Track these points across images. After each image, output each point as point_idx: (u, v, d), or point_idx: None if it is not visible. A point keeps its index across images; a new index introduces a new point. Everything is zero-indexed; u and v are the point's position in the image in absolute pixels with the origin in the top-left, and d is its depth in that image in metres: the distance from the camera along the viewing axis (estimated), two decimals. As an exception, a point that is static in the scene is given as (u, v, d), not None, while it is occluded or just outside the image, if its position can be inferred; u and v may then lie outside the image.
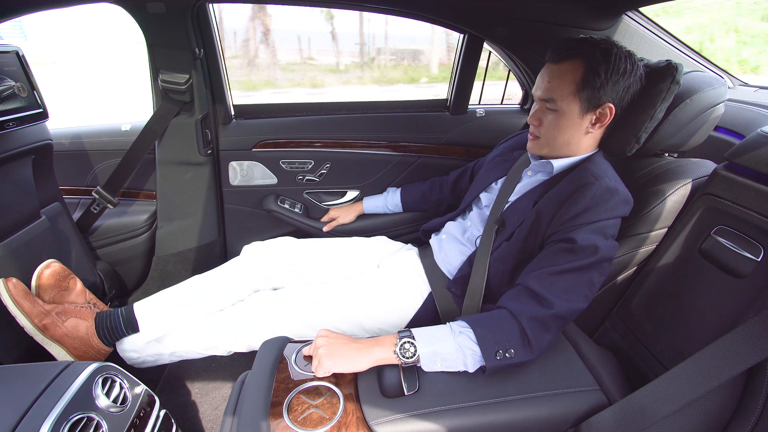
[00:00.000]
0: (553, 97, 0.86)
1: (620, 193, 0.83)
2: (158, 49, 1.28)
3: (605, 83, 0.83)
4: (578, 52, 0.83)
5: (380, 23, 14.15)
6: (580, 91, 0.84)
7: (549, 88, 0.86)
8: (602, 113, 0.86)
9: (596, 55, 0.82)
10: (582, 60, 0.83)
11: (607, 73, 0.82)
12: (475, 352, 0.75)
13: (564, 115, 0.87)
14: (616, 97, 0.85)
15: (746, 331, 0.65)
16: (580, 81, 0.83)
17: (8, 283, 0.98)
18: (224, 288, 1.11)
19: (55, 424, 0.65)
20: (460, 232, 1.09)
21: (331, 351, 0.76)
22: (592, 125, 0.88)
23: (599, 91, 0.83)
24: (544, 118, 0.90)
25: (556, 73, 0.86)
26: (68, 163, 1.53)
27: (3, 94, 1.01)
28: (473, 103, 1.63)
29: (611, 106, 0.85)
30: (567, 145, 0.91)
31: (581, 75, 0.83)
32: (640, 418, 0.68)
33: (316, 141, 1.54)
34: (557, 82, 0.85)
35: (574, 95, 0.84)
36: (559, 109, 0.86)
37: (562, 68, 0.85)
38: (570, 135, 0.89)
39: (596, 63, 0.82)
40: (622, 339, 0.95)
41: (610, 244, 0.81)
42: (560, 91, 0.85)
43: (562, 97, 0.85)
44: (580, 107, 0.85)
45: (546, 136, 0.91)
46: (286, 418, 0.69)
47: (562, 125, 0.88)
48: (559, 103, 0.86)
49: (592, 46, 0.83)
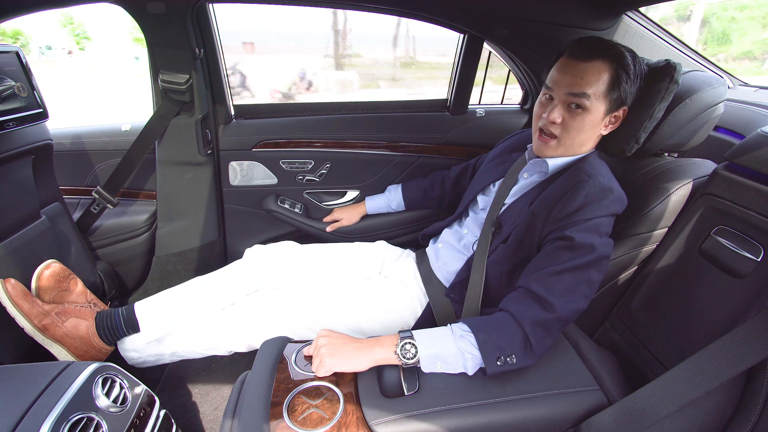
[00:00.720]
0: (587, 92, 0.83)
1: (614, 191, 0.83)
2: (158, 49, 1.28)
3: (632, 86, 0.84)
4: (609, 52, 0.83)
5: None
6: (610, 91, 0.83)
7: (583, 83, 0.83)
8: (617, 116, 0.87)
9: (627, 57, 0.82)
10: (611, 60, 0.82)
11: (634, 76, 0.83)
12: (475, 357, 0.75)
13: (590, 114, 0.85)
14: (629, 101, 0.86)
15: (746, 331, 0.65)
16: (611, 82, 0.83)
17: (7, 284, 0.97)
18: (225, 289, 1.11)
19: (55, 424, 0.65)
20: (456, 240, 1.09)
21: (333, 350, 0.76)
22: (605, 127, 0.88)
23: (626, 93, 0.84)
24: (566, 116, 0.86)
25: (587, 70, 0.83)
26: (68, 163, 1.53)
27: (3, 94, 1.01)
28: (473, 103, 1.63)
29: (626, 109, 0.86)
30: (581, 145, 0.90)
31: (612, 76, 0.82)
32: (640, 418, 0.68)
33: (316, 141, 1.54)
34: (590, 78, 0.82)
35: (604, 95, 0.83)
36: (587, 107, 0.84)
37: (593, 66, 0.83)
38: (588, 135, 0.88)
39: (626, 65, 0.82)
40: (622, 339, 0.95)
41: (605, 242, 0.81)
42: (594, 87, 0.83)
43: (596, 95, 0.83)
44: (606, 108, 0.85)
45: (567, 136, 0.88)
46: (286, 418, 0.69)
47: (586, 125, 0.86)
48: (591, 101, 0.83)
49: (615, 49, 0.83)
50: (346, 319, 1.02)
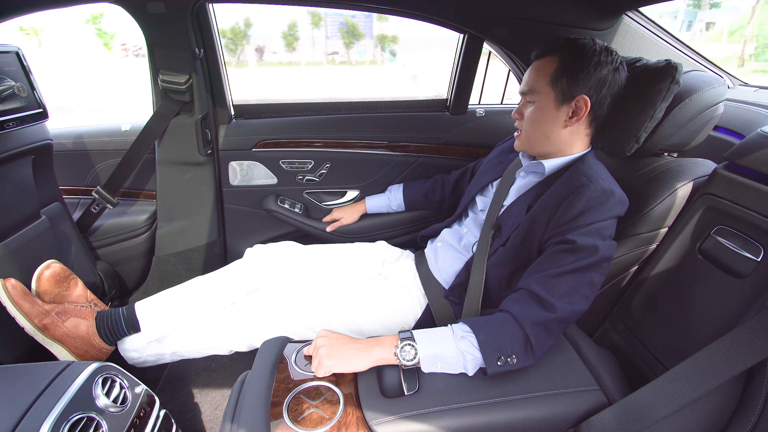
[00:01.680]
0: (530, 88, 0.90)
1: (615, 194, 0.82)
2: (158, 49, 1.28)
3: (577, 74, 0.85)
4: (555, 48, 0.88)
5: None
6: (554, 82, 0.87)
7: (527, 81, 0.92)
8: (578, 106, 0.87)
9: (569, 49, 0.87)
10: (558, 54, 0.87)
11: (580, 65, 0.85)
12: (476, 357, 0.75)
13: (540, 107, 0.90)
14: (590, 90, 0.86)
15: (746, 331, 0.65)
16: (554, 73, 0.87)
17: (7, 283, 0.98)
18: (226, 288, 1.11)
19: (55, 424, 0.65)
20: (456, 240, 1.09)
21: (332, 351, 0.76)
22: (569, 118, 0.88)
23: (572, 81, 0.85)
24: (524, 112, 0.93)
25: (535, 68, 0.91)
26: (68, 163, 1.53)
27: (3, 94, 1.01)
28: (473, 103, 1.63)
29: (586, 98, 0.85)
30: (547, 138, 0.91)
31: (555, 67, 0.87)
32: (640, 418, 0.68)
33: (316, 141, 1.54)
34: (534, 75, 0.90)
35: (549, 86, 0.87)
36: (536, 101, 0.90)
37: (540, 63, 0.90)
38: (548, 128, 0.90)
39: (569, 56, 0.86)
40: (622, 339, 0.95)
41: (608, 244, 0.81)
42: (537, 82, 0.89)
43: (538, 88, 0.89)
44: (555, 98, 0.88)
45: (526, 129, 0.94)
46: (286, 418, 0.69)
47: (540, 117, 0.90)
48: (536, 95, 0.89)
49: (568, 42, 0.88)
50: (346, 319, 1.02)
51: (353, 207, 1.55)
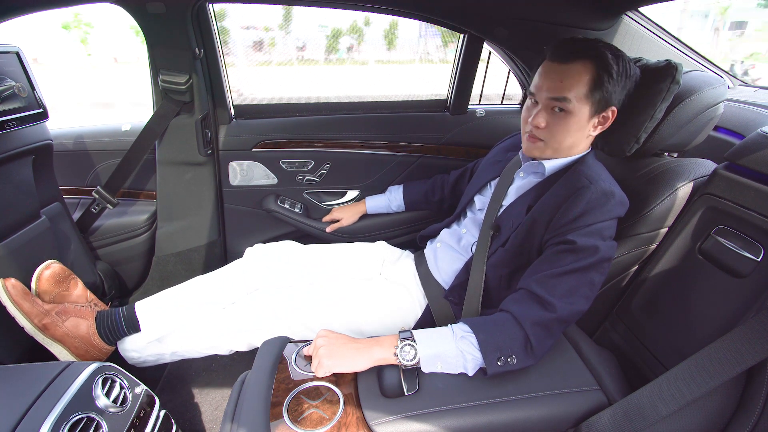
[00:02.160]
0: (567, 96, 0.82)
1: (616, 195, 0.82)
2: (158, 49, 1.28)
3: (616, 86, 0.82)
4: (589, 53, 0.81)
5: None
6: (592, 92, 0.81)
7: (563, 87, 0.82)
8: (605, 116, 0.86)
9: (608, 57, 0.81)
10: (592, 61, 0.81)
11: (619, 76, 0.82)
12: (476, 357, 0.75)
13: (574, 117, 0.84)
14: (619, 101, 0.85)
15: (746, 331, 0.65)
16: (592, 83, 0.81)
17: (7, 283, 0.98)
18: (226, 288, 1.11)
19: (55, 424, 0.65)
20: (455, 240, 1.09)
21: (331, 351, 0.76)
22: (594, 128, 0.87)
23: (610, 93, 0.82)
24: (551, 120, 0.86)
25: (567, 72, 0.82)
26: (68, 163, 1.53)
27: (3, 94, 1.01)
28: (473, 103, 1.63)
29: (614, 109, 0.85)
30: (570, 148, 0.89)
31: (593, 77, 0.81)
32: (640, 418, 0.68)
33: (316, 141, 1.54)
34: (571, 81, 0.81)
35: (586, 97, 0.82)
36: (570, 110, 0.83)
37: (573, 68, 0.82)
38: (576, 138, 0.87)
39: (608, 65, 0.80)
40: (622, 339, 0.95)
41: (608, 244, 0.81)
42: (575, 91, 0.81)
43: (578, 97, 0.82)
44: (590, 110, 0.84)
45: (553, 139, 0.87)
46: (286, 418, 0.69)
47: (571, 127, 0.85)
48: (573, 104, 0.82)
49: (602, 47, 0.82)
50: (346, 319, 1.02)
51: (353, 207, 1.54)
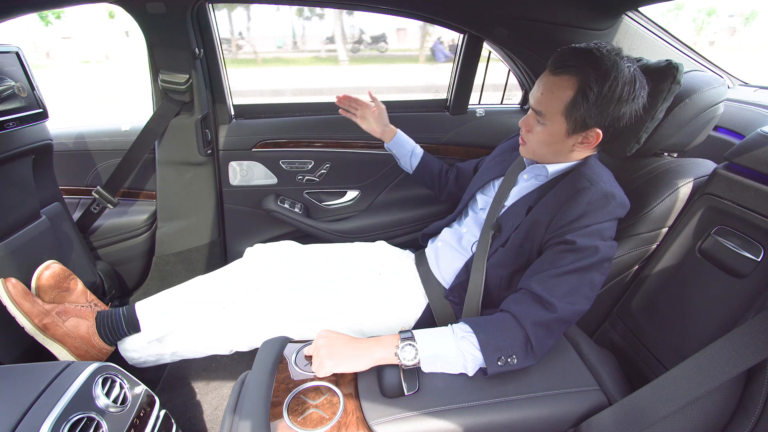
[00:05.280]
0: (542, 111, 0.83)
1: (617, 197, 0.82)
2: (158, 49, 1.28)
3: (592, 108, 0.78)
4: (576, 68, 0.78)
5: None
6: (568, 111, 0.80)
7: (540, 101, 0.83)
8: (589, 135, 0.83)
9: (592, 76, 0.77)
10: (576, 78, 0.78)
11: (598, 98, 0.77)
12: (476, 357, 0.75)
13: (550, 132, 0.84)
14: (603, 123, 0.81)
15: (746, 331, 0.65)
16: (570, 102, 0.79)
17: (7, 283, 0.98)
18: (226, 288, 1.11)
19: (55, 424, 0.65)
20: (456, 239, 1.09)
21: (332, 351, 0.76)
22: (579, 144, 0.86)
23: (586, 115, 0.80)
24: (533, 127, 0.88)
25: (549, 86, 0.82)
26: (68, 163, 1.53)
27: (3, 94, 1.01)
28: (473, 103, 1.63)
29: (598, 131, 0.82)
30: (555, 156, 0.89)
31: (572, 95, 0.79)
32: (640, 418, 0.68)
33: (316, 141, 1.54)
34: (549, 96, 0.81)
35: (561, 114, 0.81)
36: (547, 123, 0.84)
37: (556, 82, 0.81)
38: (556, 149, 0.88)
39: (589, 85, 0.77)
40: (622, 339, 0.95)
41: (608, 244, 0.81)
42: (550, 107, 0.82)
43: (551, 114, 0.82)
44: (567, 127, 0.83)
45: (533, 145, 0.90)
46: (286, 418, 0.69)
47: (548, 140, 0.86)
48: (548, 118, 0.83)
49: (592, 64, 0.77)
50: (347, 319, 1.02)
51: (380, 124, 1.28)
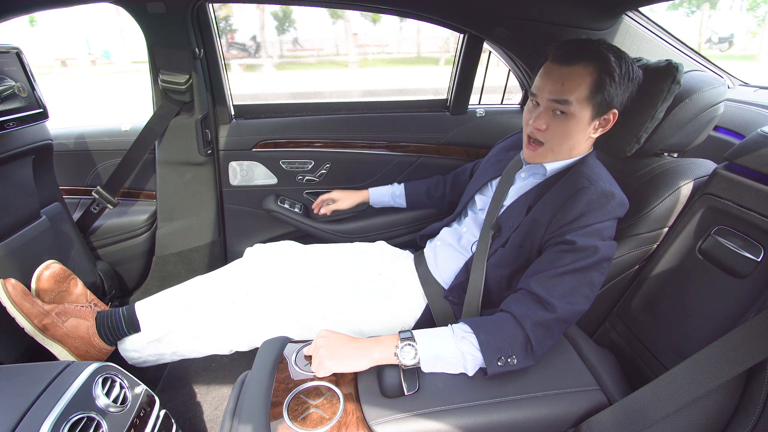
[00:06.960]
0: (568, 98, 0.81)
1: (616, 196, 0.82)
2: (158, 49, 1.28)
3: (618, 87, 0.81)
4: (592, 55, 0.80)
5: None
6: (593, 95, 0.81)
7: (564, 89, 0.82)
8: (606, 119, 0.85)
9: (610, 59, 0.80)
10: (594, 64, 0.80)
11: (621, 79, 0.80)
12: (476, 358, 0.75)
13: (575, 119, 0.83)
14: (621, 102, 0.84)
15: (746, 331, 0.65)
16: (594, 86, 0.80)
17: (7, 283, 0.98)
18: (226, 288, 1.11)
19: (55, 424, 0.65)
20: (456, 239, 1.09)
21: (332, 351, 0.76)
22: (594, 130, 0.87)
23: (611, 96, 0.82)
24: (551, 122, 0.85)
25: (568, 75, 0.81)
26: (68, 163, 1.53)
27: (3, 94, 1.01)
28: (473, 103, 1.63)
29: (616, 111, 0.85)
30: (570, 150, 0.89)
31: (595, 79, 0.80)
32: (640, 418, 0.68)
33: (316, 141, 1.54)
34: (572, 84, 0.81)
35: (588, 99, 0.81)
36: (571, 113, 0.82)
37: (574, 71, 0.81)
38: (576, 140, 0.87)
39: (611, 68, 0.79)
40: (622, 339, 0.95)
41: (608, 244, 0.81)
42: (576, 93, 0.81)
43: (578, 100, 0.81)
44: (591, 112, 0.83)
45: (553, 142, 0.87)
46: (286, 418, 0.69)
47: (572, 130, 0.84)
48: (574, 106, 0.82)
49: (605, 50, 0.81)
50: (346, 319, 1.02)
51: (354, 193, 1.45)
